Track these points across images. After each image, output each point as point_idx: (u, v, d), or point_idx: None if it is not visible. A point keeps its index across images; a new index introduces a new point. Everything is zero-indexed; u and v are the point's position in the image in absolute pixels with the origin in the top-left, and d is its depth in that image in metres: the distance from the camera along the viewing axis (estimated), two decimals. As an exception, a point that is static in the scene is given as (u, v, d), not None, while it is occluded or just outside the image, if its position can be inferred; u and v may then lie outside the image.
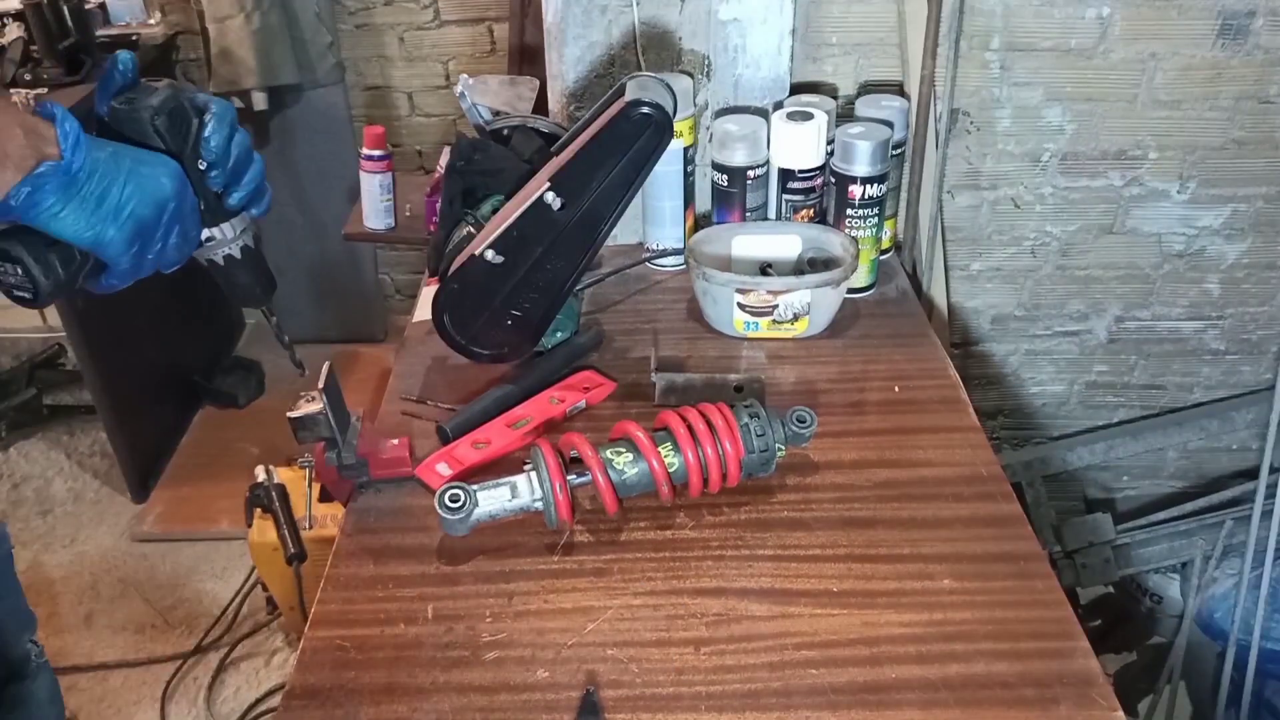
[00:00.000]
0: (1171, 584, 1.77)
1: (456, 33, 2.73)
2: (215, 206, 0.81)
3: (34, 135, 0.68)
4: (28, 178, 0.67)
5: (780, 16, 1.28)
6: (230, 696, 2.07)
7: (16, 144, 0.67)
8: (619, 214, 1.07)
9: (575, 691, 0.81)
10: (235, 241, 0.84)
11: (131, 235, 0.73)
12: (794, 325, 1.22)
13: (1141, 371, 1.69)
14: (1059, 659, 0.83)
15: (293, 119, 2.74)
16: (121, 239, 0.72)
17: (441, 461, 1.03)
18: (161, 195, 0.74)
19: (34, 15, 2.21)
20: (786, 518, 0.97)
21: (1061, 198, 1.50)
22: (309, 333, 3.01)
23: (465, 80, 1.28)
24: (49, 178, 0.68)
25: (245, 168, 0.81)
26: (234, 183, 0.81)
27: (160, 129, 0.75)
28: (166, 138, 0.76)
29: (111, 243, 0.72)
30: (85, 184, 0.70)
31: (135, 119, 0.75)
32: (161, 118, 0.75)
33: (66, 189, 0.69)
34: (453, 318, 1.12)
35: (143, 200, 0.73)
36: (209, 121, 0.77)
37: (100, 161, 0.71)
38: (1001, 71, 1.38)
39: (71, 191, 0.70)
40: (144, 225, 0.74)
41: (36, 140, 0.68)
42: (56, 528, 2.49)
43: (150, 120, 0.75)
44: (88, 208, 0.70)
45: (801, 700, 0.80)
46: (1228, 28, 1.34)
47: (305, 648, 0.85)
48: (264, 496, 1.86)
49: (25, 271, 0.71)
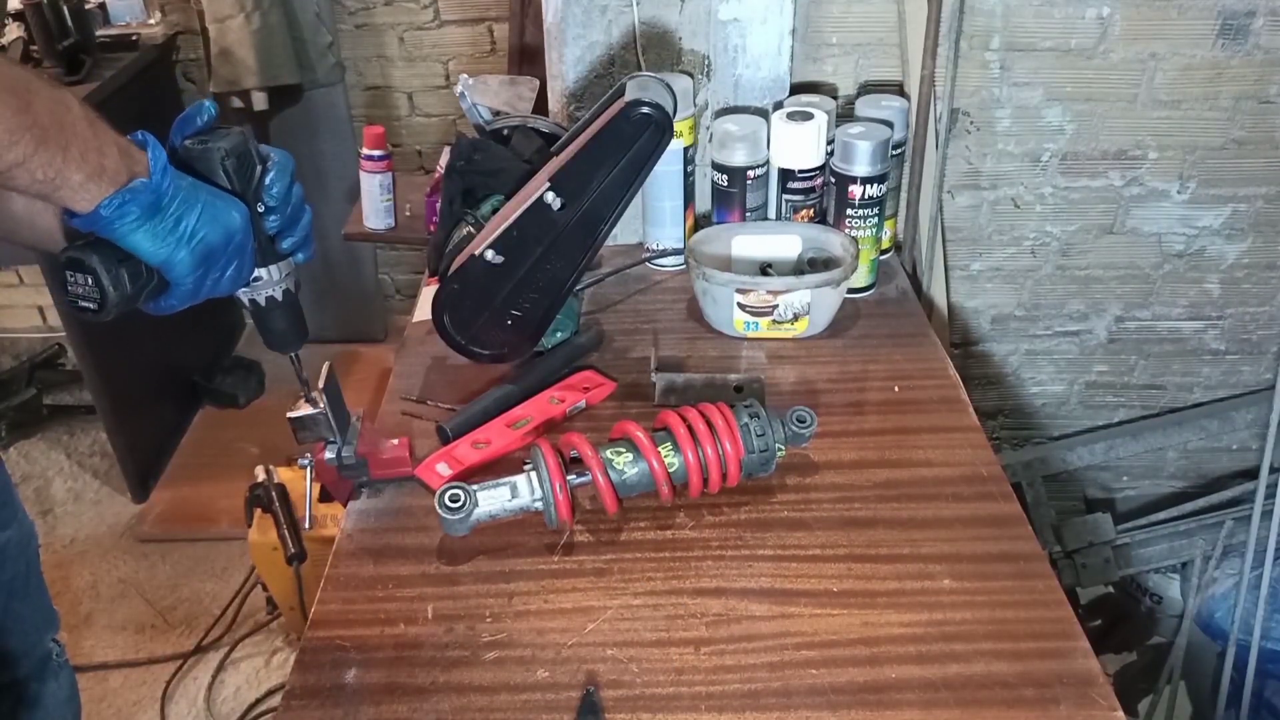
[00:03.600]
0: (1171, 584, 1.77)
1: (456, 33, 2.73)
2: (267, 248, 0.85)
3: (127, 155, 0.73)
4: (120, 190, 0.72)
5: (780, 16, 1.28)
6: (230, 696, 2.07)
7: (113, 160, 0.72)
8: (619, 214, 1.07)
9: (575, 691, 0.81)
10: (279, 284, 0.88)
11: (199, 260, 0.78)
12: (794, 325, 1.22)
13: (1141, 371, 1.69)
14: (1059, 659, 0.83)
15: (293, 119, 2.74)
16: (190, 261, 0.77)
17: (441, 461, 1.03)
18: (231, 226, 0.79)
19: (34, 15, 2.20)
20: (786, 518, 0.97)
21: (1061, 198, 1.50)
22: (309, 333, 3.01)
23: (465, 80, 1.28)
24: (140, 194, 0.73)
25: (300, 215, 0.87)
26: (289, 228, 0.86)
27: (229, 169, 0.80)
28: (234, 178, 0.81)
29: (180, 264, 0.77)
30: (167, 206, 0.75)
31: (207, 158, 0.80)
32: (231, 159, 0.80)
33: (151, 207, 0.74)
34: (453, 318, 1.12)
35: (214, 229, 0.78)
36: (271, 169, 0.83)
37: (182, 189, 0.76)
38: (1001, 71, 1.38)
39: (155, 210, 0.74)
40: (211, 252, 0.78)
41: (129, 159, 0.73)
42: (56, 528, 2.49)
43: (221, 161, 0.80)
44: (166, 227, 0.75)
45: (801, 700, 0.80)
46: (1228, 28, 1.34)
47: (305, 648, 0.85)
48: (264, 496, 1.86)
49: (96, 282, 0.75)
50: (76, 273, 0.75)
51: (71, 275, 0.75)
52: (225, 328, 3.06)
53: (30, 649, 1.29)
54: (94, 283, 0.75)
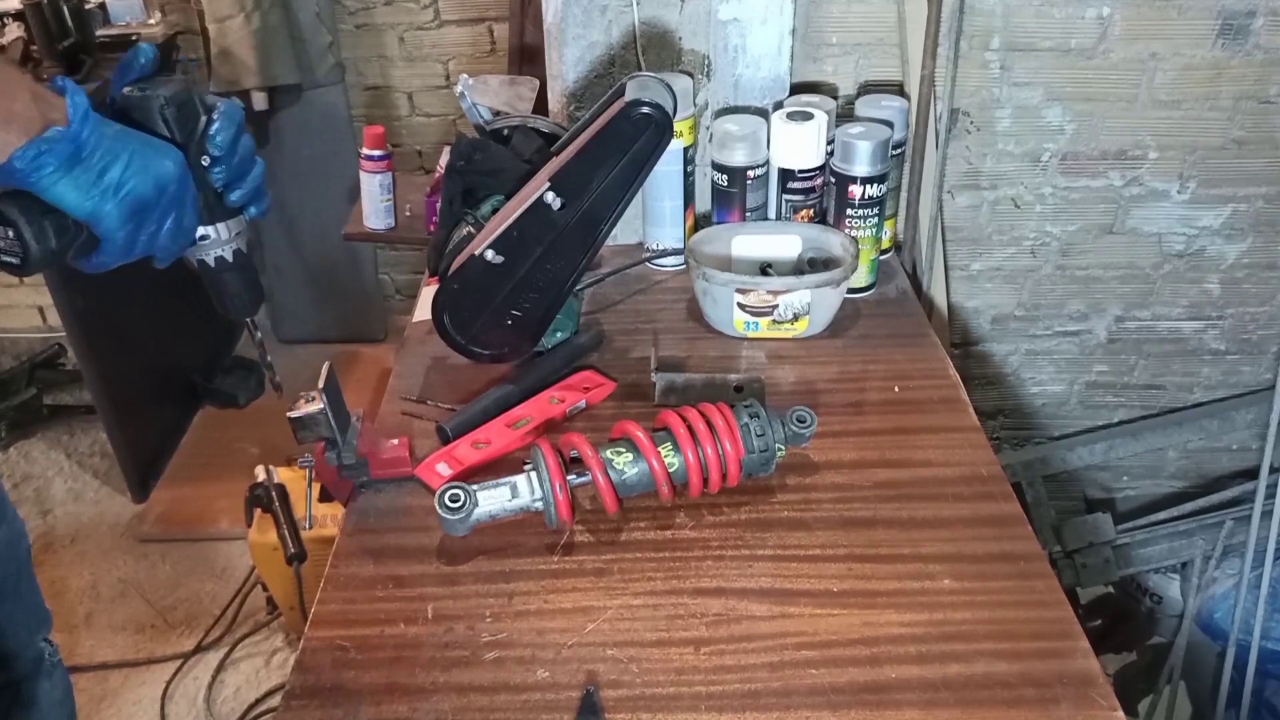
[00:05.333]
0: (1171, 584, 1.77)
1: (456, 33, 2.73)
2: (214, 204, 0.81)
3: (42, 101, 0.69)
4: (34, 140, 0.67)
5: (780, 16, 1.28)
6: (230, 696, 2.07)
7: (23, 105, 0.67)
8: (619, 214, 1.07)
9: (575, 691, 0.81)
10: (229, 244, 0.84)
11: (129, 212, 0.73)
12: (794, 325, 1.22)
13: (1141, 371, 1.69)
14: (1059, 659, 0.83)
15: (293, 119, 2.74)
16: (118, 214, 0.73)
17: (441, 461, 1.03)
18: (163, 176, 0.75)
19: (34, 15, 2.21)
20: (786, 518, 0.97)
21: (1061, 198, 1.50)
22: (309, 333, 3.02)
23: (465, 80, 1.28)
24: (55, 143, 0.68)
25: (248, 168, 0.82)
26: (236, 180, 0.81)
27: (169, 118, 0.76)
28: (174, 127, 0.77)
29: (108, 216, 0.72)
30: (90, 155, 0.71)
31: (145, 106, 0.76)
32: (171, 108, 0.76)
33: (71, 157, 0.70)
34: (453, 317, 1.13)
35: (144, 179, 0.74)
36: (216, 119, 0.78)
37: (106, 137, 0.72)
38: (1001, 71, 1.38)
39: (75, 160, 0.70)
40: (142, 204, 0.74)
41: (44, 106, 0.69)
42: (56, 528, 2.49)
43: (160, 109, 0.76)
44: (89, 178, 0.71)
45: (801, 700, 0.80)
46: (1228, 28, 1.34)
47: (305, 648, 0.85)
48: (264, 496, 1.86)
49: (17, 235, 0.71)
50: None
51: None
52: (225, 328, 3.05)
53: (23, 649, 1.28)
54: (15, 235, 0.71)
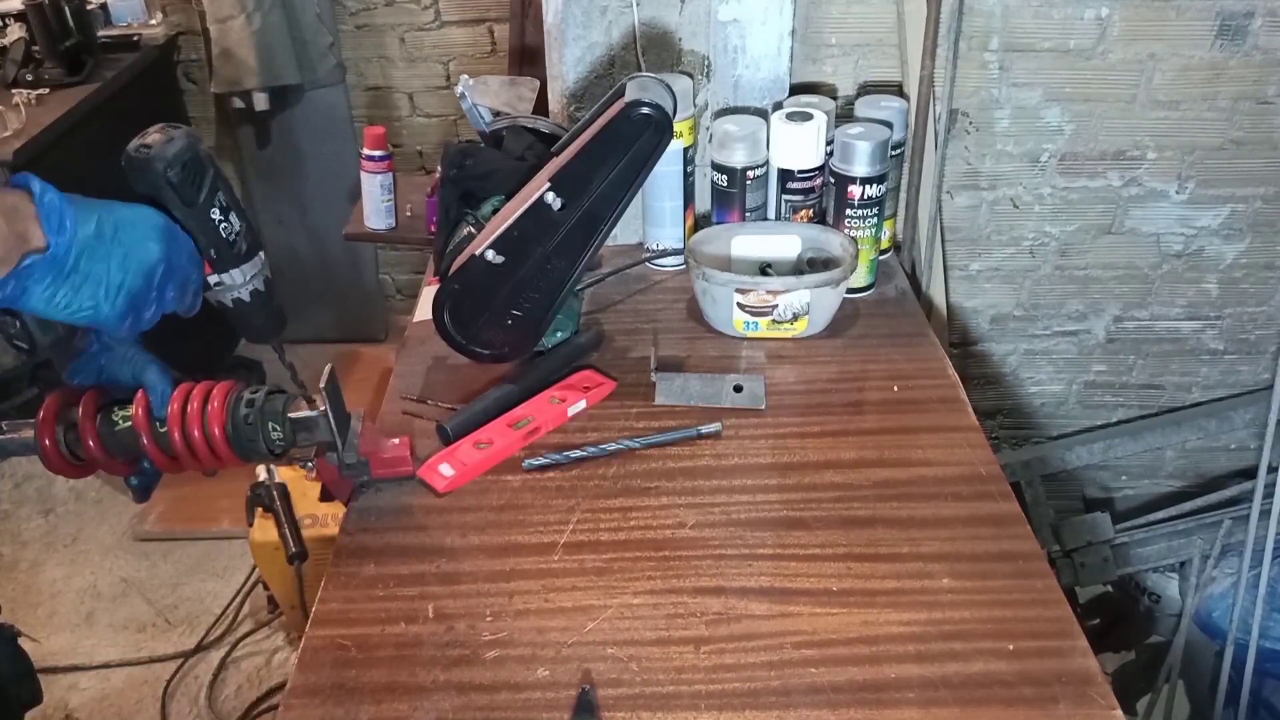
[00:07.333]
0: (1170, 583, 1.78)
1: (457, 33, 2.73)
2: (225, 253, 0.82)
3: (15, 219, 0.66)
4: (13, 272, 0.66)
5: (780, 17, 1.29)
6: (231, 695, 2.07)
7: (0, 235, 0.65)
8: (619, 214, 1.07)
9: (575, 690, 0.81)
10: (245, 286, 0.85)
11: (125, 309, 0.73)
12: (794, 325, 1.22)
13: (1140, 371, 1.69)
14: (1058, 658, 0.83)
15: (294, 119, 2.74)
16: (115, 314, 0.73)
17: (444, 462, 1.03)
18: (149, 263, 0.74)
19: (35, 16, 2.21)
20: (786, 516, 0.98)
21: (1060, 198, 1.50)
22: (309, 333, 3.02)
23: (465, 81, 1.28)
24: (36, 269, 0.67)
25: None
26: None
27: (173, 181, 0.76)
28: (179, 191, 0.76)
29: (106, 319, 0.73)
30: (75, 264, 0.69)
31: (148, 172, 0.75)
32: (175, 169, 0.75)
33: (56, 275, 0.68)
34: (453, 317, 1.13)
35: (132, 272, 0.73)
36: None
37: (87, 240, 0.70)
38: (1000, 72, 1.39)
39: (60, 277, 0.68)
40: (135, 296, 0.74)
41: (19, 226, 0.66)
42: (58, 527, 2.50)
43: (164, 173, 0.75)
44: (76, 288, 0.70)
45: (801, 699, 0.80)
46: (1226, 28, 1.35)
47: (306, 647, 0.86)
48: (265, 496, 1.86)
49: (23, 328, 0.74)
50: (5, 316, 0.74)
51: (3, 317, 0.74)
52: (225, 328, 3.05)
53: None
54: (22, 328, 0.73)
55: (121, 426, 0.86)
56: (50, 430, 0.85)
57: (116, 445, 0.87)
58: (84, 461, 0.87)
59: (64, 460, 0.86)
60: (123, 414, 0.87)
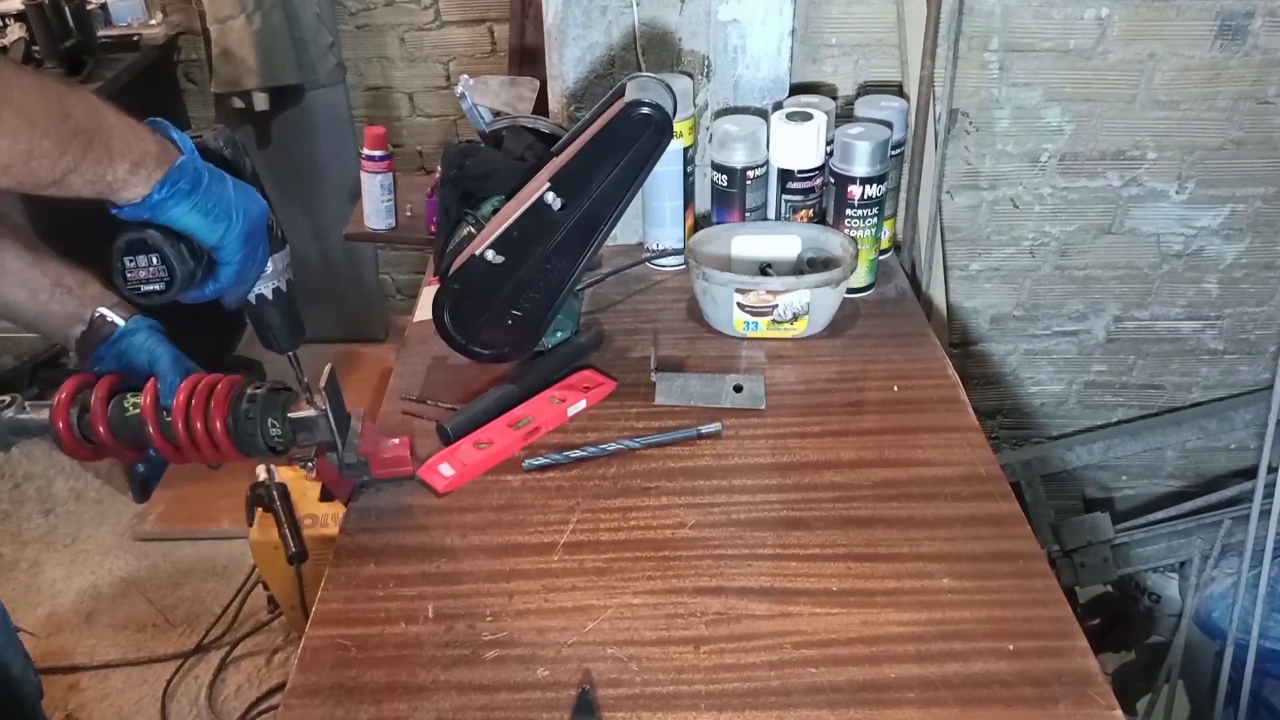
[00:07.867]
0: (1170, 583, 1.78)
1: (457, 33, 2.73)
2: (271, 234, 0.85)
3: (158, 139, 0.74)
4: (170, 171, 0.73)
5: (780, 17, 1.29)
6: (231, 695, 2.07)
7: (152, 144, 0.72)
8: (619, 214, 1.07)
9: (576, 690, 0.81)
10: (270, 280, 0.88)
11: (244, 236, 0.78)
12: (794, 325, 1.22)
13: (1140, 371, 1.69)
14: (1058, 658, 0.83)
15: (294, 119, 2.74)
16: (239, 237, 0.78)
17: (444, 462, 1.03)
18: (259, 203, 0.81)
19: (35, 16, 2.21)
20: (786, 517, 0.98)
21: (1060, 198, 1.50)
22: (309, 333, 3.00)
23: (466, 81, 1.28)
24: (184, 172, 0.74)
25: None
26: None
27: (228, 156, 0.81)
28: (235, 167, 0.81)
29: (232, 240, 0.78)
30: (208, 185, 0.76)
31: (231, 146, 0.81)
32: (229, 148, 0.81)
33: (195, 186, 0.75)
34: (453, 317, 1.13)
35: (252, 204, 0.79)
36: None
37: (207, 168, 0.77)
38: (1000, 72, 1.39)
39: (198, 189, 0.75)
40: (253, 228, 0.79)
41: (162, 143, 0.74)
42: (58, 527, 2.50)
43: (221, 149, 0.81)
44: (210, 203, 0.76)
45: (801, 699, 0.80)
46: (1226, 28, 1.35)
47: (306, 647, 0.86)
48: (265, 495, 1.86)
49: (162, 259, 0.75)
50: (138, 255, 0.75)
51: (131, 260, 0.75)
52: (225, 328, 3.06)
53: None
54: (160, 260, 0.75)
55: (131, 413, 0.88)
56: (65, 412, 0.87)
57: (126, 431, 0.88)
58: (95, 444, 0.89)
59: (77, 442, 0.88)
60: (133, 401, 0.88)
